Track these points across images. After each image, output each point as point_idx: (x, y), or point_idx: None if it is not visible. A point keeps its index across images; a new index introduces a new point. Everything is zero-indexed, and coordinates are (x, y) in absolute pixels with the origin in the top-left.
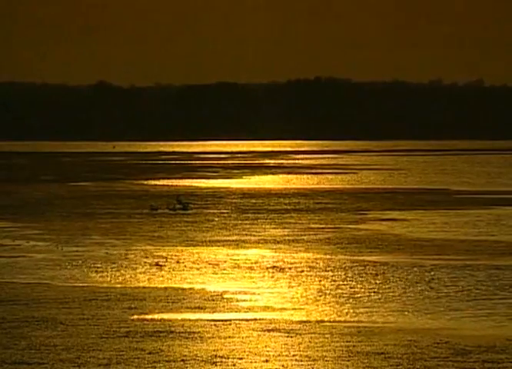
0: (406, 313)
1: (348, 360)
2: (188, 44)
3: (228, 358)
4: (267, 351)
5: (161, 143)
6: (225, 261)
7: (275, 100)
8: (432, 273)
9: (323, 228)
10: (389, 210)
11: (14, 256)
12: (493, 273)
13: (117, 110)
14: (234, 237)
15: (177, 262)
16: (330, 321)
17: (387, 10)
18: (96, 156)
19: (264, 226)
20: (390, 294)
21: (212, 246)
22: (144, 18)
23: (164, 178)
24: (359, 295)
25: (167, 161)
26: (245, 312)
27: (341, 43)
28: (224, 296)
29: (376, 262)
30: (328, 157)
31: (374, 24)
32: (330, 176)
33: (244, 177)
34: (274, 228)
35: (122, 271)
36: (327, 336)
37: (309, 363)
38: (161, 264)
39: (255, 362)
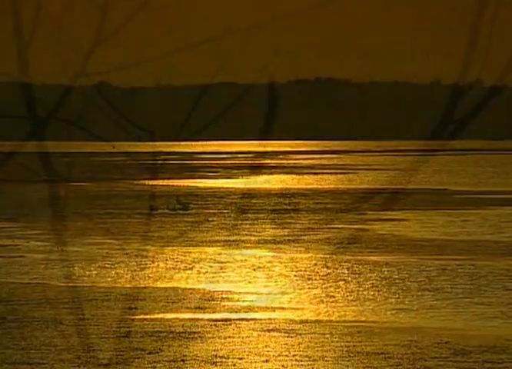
0: (406, 313)
1: (348, 360)
2: (188, 45)
3: (228, 358)
4: (267, 351)
5: (161, 143)
6: (225, 261)
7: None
8: (432, 272)
9: (323, 228)
10: (389, 210)
11: (14, 256)
12: (493, 272)
13: (117, 110)
14: (234, 237)
15: (177, 262)
16: (330, 321)
17: (386, 10)
18: (96, 156)
19: (264, 226)
20: (391, 293)
21: (212, 246)
22: (144, 19)
23: (164, 178)
24: (358, 295)
25: (167, 161)
26: (245, 312)
27: (341, 43)
28: (224, 296)
29: (376, 262)
30: (328, 157)
31: (373, 24)
32: (330, 176)
33: (244, 177)
34: (274, 228)
35: (122, 271)
36: (327, 336)
37: (309, 363)
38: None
39: (255, 362)
